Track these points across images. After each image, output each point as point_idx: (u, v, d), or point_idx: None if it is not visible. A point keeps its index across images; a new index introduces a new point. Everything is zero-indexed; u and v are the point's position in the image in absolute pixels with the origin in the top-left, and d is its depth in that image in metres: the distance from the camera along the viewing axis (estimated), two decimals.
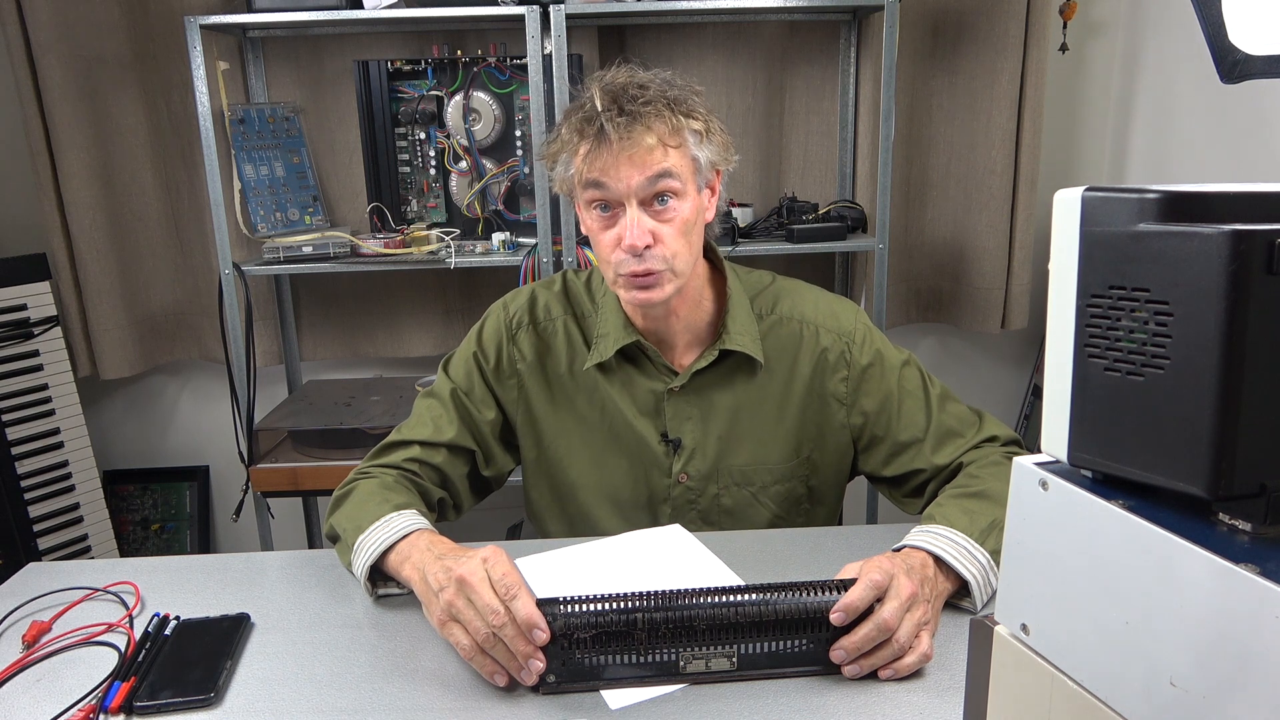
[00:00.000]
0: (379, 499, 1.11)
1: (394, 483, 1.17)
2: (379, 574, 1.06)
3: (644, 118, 1.07)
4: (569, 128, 1.10)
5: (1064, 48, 2.13)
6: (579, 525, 1.29)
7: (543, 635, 0.86)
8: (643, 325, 1.22)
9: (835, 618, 0.87)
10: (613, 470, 1.26)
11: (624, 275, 1.11)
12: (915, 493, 1.24)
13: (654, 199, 1.10)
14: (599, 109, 1.07)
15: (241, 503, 2.05)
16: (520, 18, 1.86)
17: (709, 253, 1.25)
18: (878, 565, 0.91)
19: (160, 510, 2.44)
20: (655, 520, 1.27)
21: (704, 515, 1.26)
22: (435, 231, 2.03)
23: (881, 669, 0.89)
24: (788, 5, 1.96)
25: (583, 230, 1.21)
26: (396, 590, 1.07)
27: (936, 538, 1.00)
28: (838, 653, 0.88)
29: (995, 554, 1.00)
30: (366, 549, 1.04)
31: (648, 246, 1.09)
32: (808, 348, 1.25)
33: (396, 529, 1.04)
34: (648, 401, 1.24)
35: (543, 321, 1.27)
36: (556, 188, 1.18)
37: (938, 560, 0.97)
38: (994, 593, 0.98)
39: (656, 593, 0.89)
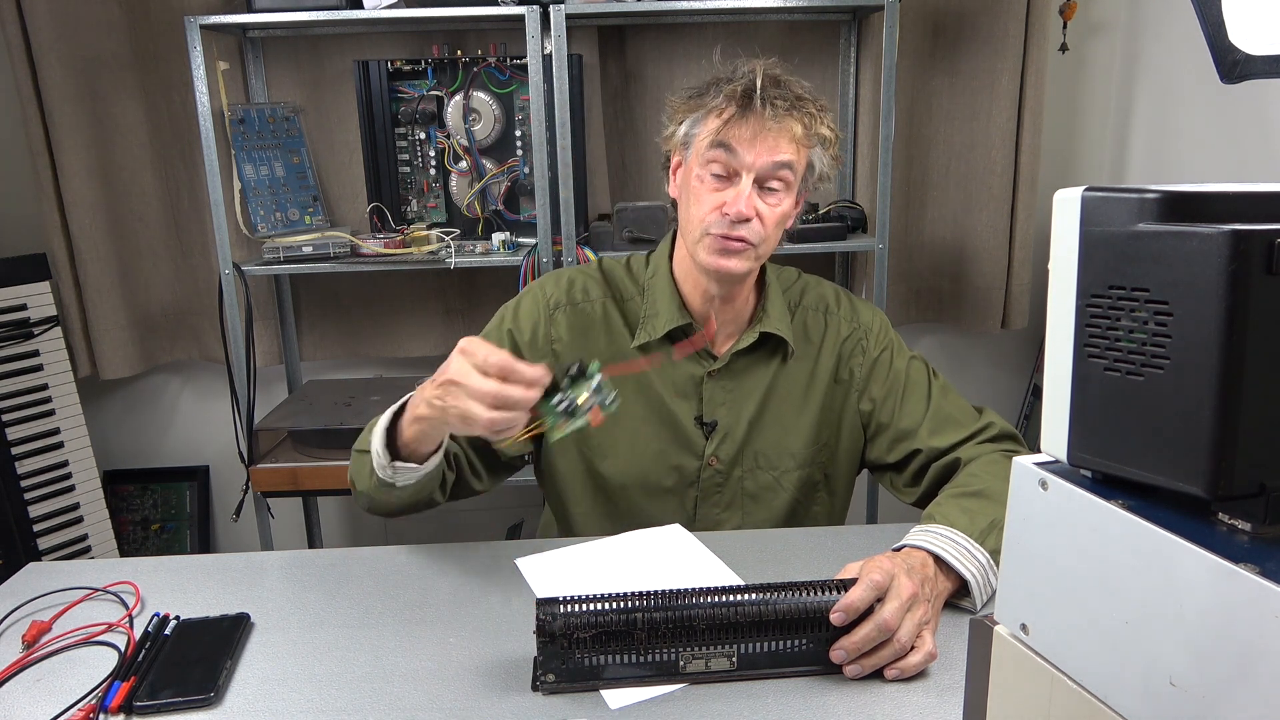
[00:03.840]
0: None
1: None
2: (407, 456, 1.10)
3: (796, 109, 1.14)
4: (722, 93, 1.15)
5: (1064, 48, 2.13)
6: (608, 506, 1.30)
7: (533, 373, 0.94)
8: (696, 308, 1.26)
9: (835, 618, 0.88)
10: (644, 452, 1.27)
11: (713, 235, 1.16)
12: (914, 480, 1.27)
13: (766, 182, 1.15)
14: (758, 84, 1.13)
15: (241, 503, 2.05)
16: (520, 18, 1.86)
17: None
18: (878, 565, 0.91)
19: (160, 510, 2.44)
20: (683, 503, 1.29)
21: (728, 499, 1.28)
22: (435, 231, 2.03)
23: (887, 669, 0.89)
24: (788, 5, 1.96)
25: (670, 190, 1.26)
26: (411, 466, 1.09)
27: (936, 537, 1.00)
28: (838, 653, 0.88)
29: (995, 553, 1.00)
30: (379, 425, 1.10)
31: (749, 219, 1.14)
32: (830, 336, 1.31)
33: (400, 400, 1.11)
34: (686, 384, 1.27)
35: (581, 302, 1.30)
36: (669, 144, 1.23)
37: (937, 560, 0.98)
38: (994, 592, 0.98)
39: (656, 593, 0.89)
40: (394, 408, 1.10)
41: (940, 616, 0.97)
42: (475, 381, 0.94)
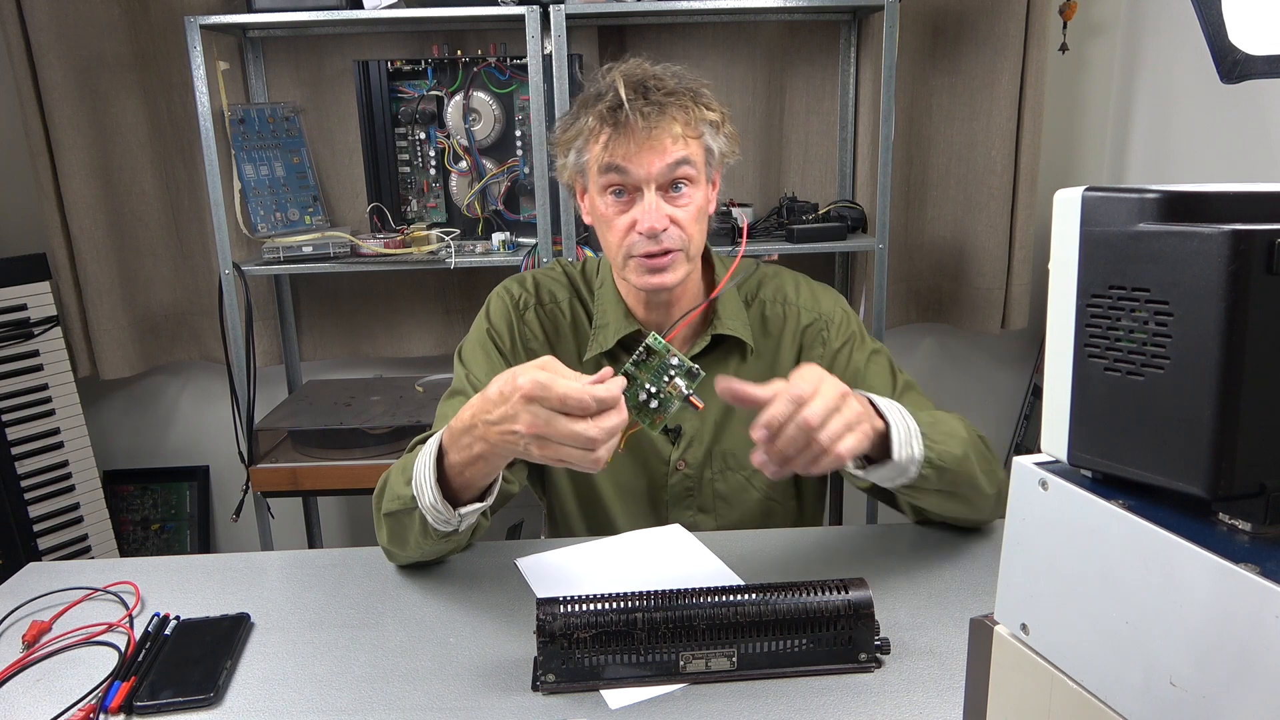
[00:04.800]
0: (412, 455, 1.07)
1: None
2: (455, 500, 1.01)
3: (668, 107, 1.10)
4: (591, 115, 1.12)
5: (1064, 48, 2.13)
6: (595, 514, 1.29)
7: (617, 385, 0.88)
8: (643, 317, 1.24)
9: (757, 434, 0.90)
10: (620, 458, 1.27)
11: (637, 258, 1.13)
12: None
13: (670, 186, 1.13)
14: (624, 97, 1.09)
15: (241, 503, 2.05)
16: (520, 18, 1.86)
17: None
18: (804, 376, 0.92)
19: (160, 510, 2.44)
20: (657, 508, 1.28)
21: (700, 503, 1.28)
22: (435, 231, 2.03)
23: (799, 456, 0.89)
24: (788, 5, 1.96)
25: (585, 218, 1.23)
26: (478, 505, 1.01)
27: (874, 396, 1.02)
28: (759, 431, 0.89)
29: (925, 437, 1.00)
30: (422, 469, 1.00)
31: (664, 229, 1.12)
32: (790, 328, 1.28)
33: (435, 438, 1.01)
34: None
35: (548, 304, 1.28)
36: (565, 176, 1.20)
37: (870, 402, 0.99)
38: (915, 459, 0.99)
39: (656, 593, 0.89)
40: (429, 460, 1.00)
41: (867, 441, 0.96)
42: (569, 430, 0.86)
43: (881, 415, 0.99)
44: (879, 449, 0.99)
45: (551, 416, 0.86)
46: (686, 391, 0.92)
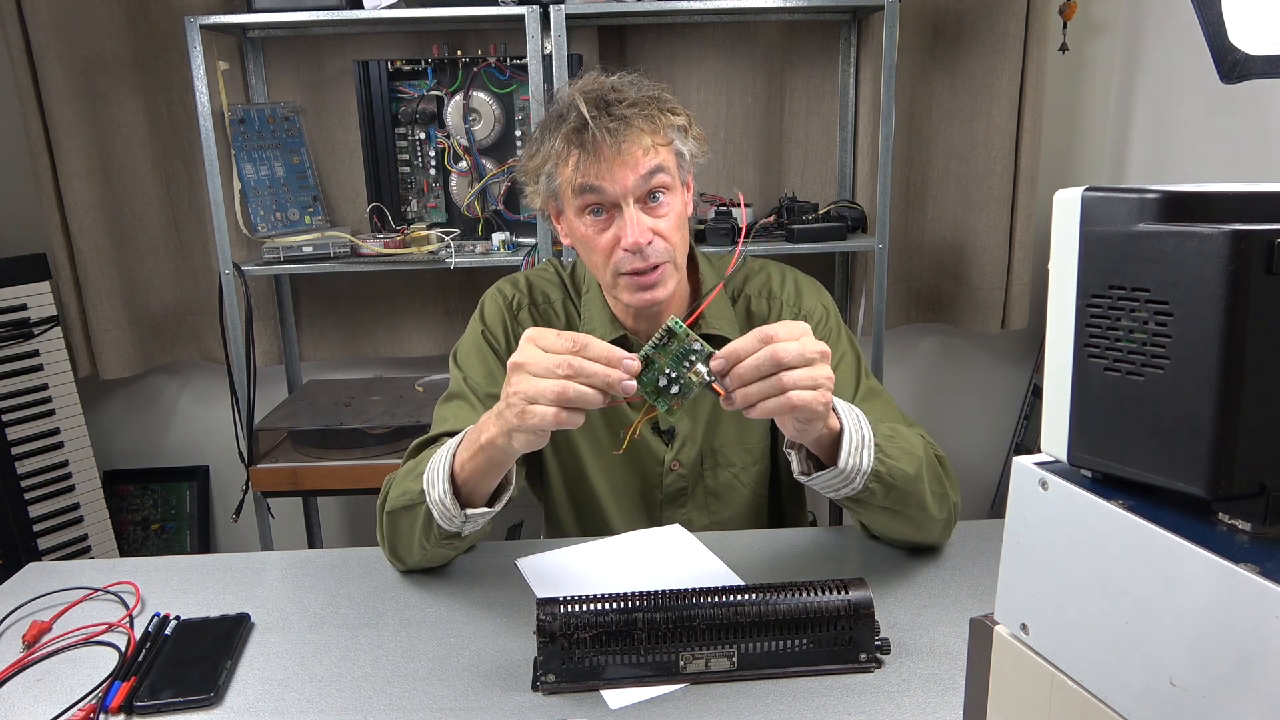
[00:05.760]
0: (424, 459, 1.08)
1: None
2: (464, 501, 1.02)
3: (633, 119, 1.09)
4: (557, 138, 1.10)
5: (1064, 48, 2.13)
6: (590, 515, 1.30)
7: (632, 365, 0.89)
8: (632, 327, 1.24)
9: (715, 364, 0.89)
10: (610, 460, 1.27)
11: (625, 275, 1.12)
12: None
13: (648, 196, 1.11)
14: (587, 116, 1.07)
15: (241, 503, 2.05)
16: (520, 18, 1.86)
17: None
18: (786, 324, 0.91)
19: (160, 510, 2.44)
20: (650, 509, 1.28)
21: (694, 501, 1.28)
22: (435, 231, 2.03)
23: (756, 386, 0.88)
24: (788, 5, 1.96)
25: (564, 240, 1.22)
26: (484, 510, 1.02)
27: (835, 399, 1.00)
28: (718, 362, 0.90)
29: (879, 448, 0.99)
30: (437, 463, 1.01)
31: (649, 243, 1.10)
32: (772, 321, 1.26)
33: (454, 439, 1.03)
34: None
35: (542, 304, 1.29)
36: (539, 202, 1.19)
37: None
38: (861, 469, 0.98)
39: (656, 593, 0.89)
40: (447, 454, 1.01)
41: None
42: (541, 356, 0.88)
43: (838, 417, 0.97)
44: (828, 453, 0.99)
45: (535, 350, 0.89)
46: (708, 378, 0.91)
